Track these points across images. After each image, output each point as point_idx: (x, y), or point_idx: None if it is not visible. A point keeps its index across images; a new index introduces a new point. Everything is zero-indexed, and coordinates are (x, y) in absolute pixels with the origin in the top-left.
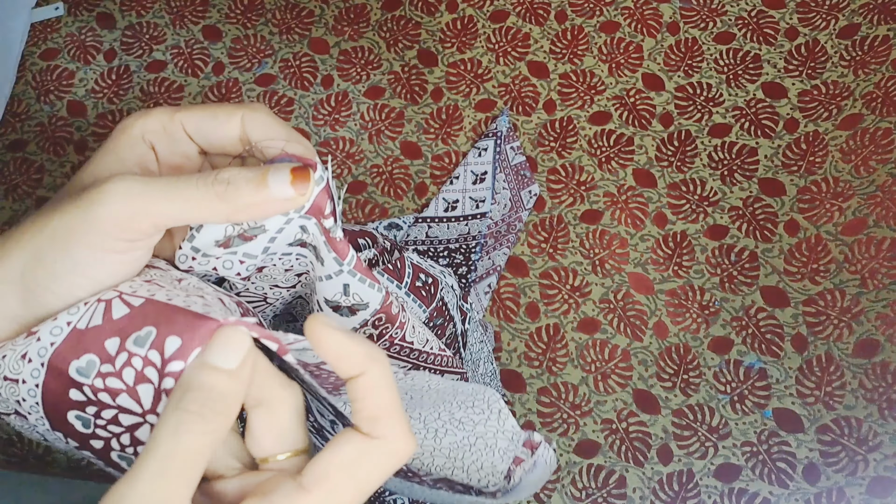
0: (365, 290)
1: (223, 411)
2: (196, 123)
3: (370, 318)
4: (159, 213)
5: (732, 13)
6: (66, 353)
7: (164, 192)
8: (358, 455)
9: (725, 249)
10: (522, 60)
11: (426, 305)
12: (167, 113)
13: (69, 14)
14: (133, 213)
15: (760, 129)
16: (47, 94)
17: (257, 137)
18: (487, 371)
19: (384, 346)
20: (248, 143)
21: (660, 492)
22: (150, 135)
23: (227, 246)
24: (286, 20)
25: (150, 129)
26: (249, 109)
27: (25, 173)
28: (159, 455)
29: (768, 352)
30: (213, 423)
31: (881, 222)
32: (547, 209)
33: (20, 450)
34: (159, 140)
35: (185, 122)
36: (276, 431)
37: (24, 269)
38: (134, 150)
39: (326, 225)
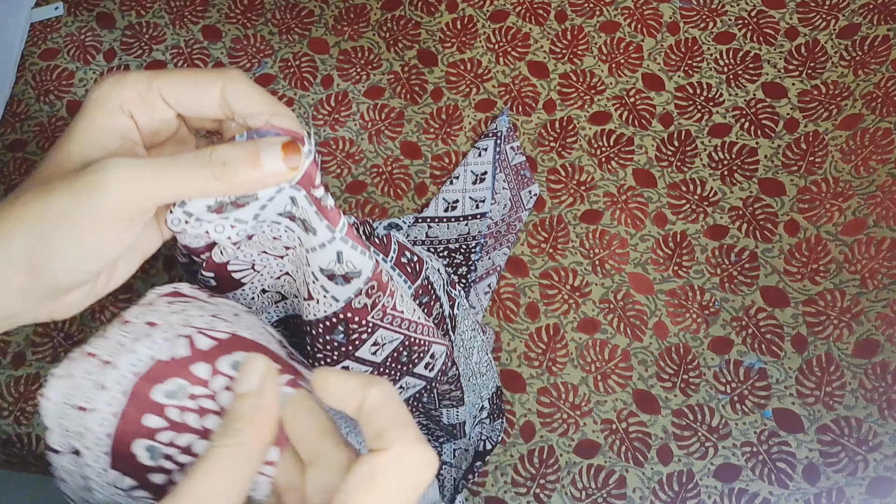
0: (357, 256)
1: (248, 426)
2: (175, 93)
3: (363, 287)
4: (160, 194)
5: (732, 13)
6: (150, 380)
7: (163, 174)
8: (371, 471)
9: (725, 249)
10: (522, 60)
11: (411, 282)
12: (144, 80)
13: (69, 14)
14: (135, 197)
15: (760, 129)
16: (47, 94)
17: (239, 108)
18: (482, 361)
19: (377, 316)
20: (229, 112)
21: (660, 492)
22: (128, 104)
23: (219, 212)
24: (286, 20)
25: (129, 98)
26: (229, 79)
27: (25, 173)
28: (200, 470)
29: (768, 352)
30: (237, 437)
31: (881, 222)
32: (547, 209)
33: (20, 449)
34: (137, 108)
35: (163, 91)
36: (326, 489)
37: (29, 251)
38: (114, 120)
39: (317, 194)
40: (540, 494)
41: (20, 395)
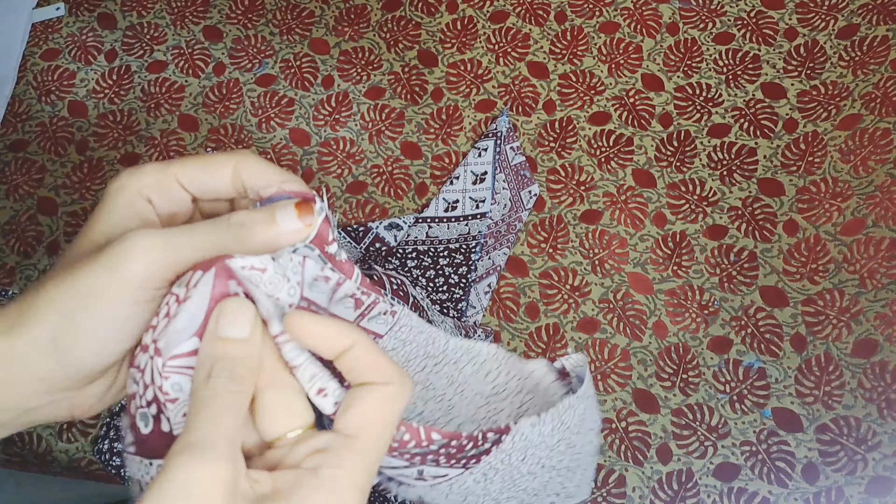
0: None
1: (245, 375)
2: (190, 176)
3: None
4: (183, 261)
5: (732, 14)
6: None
7: (185, 239)
8: (382, 400)
9: (725, 249)
10: (522, 61)
11: (406, 303)
12: (160, 169)
13: (70, 14)
14: (159, 266)
15: (759, 130)
16: (48, 95)
17: (252, 183)
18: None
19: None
20: (241, 189)
21: (659, 491)
22: (146, 189)
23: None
24: (287, 21)
25: (146, 184)
26: (240, 157)
27: (27, 173)
28: (203, 416)
29: (767, 351)
30: (243, 383)
31: (880, 222)
32: (547, 209)
33: (21, 448)
34: (154, 193)
35: (178, 175)
36: (287, 409)
37: (56, 331)
38: (134, 205)
39: (330, 251)
40: None
41: None
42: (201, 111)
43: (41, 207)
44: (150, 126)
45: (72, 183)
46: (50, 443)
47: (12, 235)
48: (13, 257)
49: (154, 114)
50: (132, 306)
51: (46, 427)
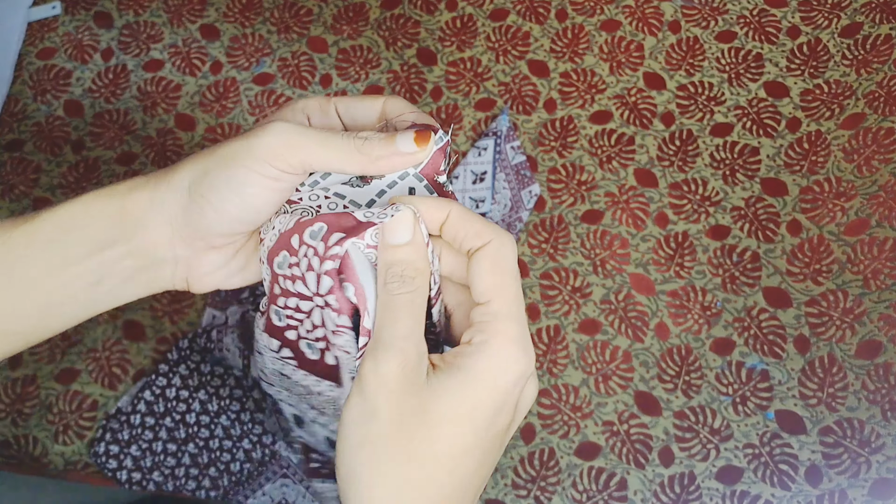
0: None
1: (416, 273)
2: (346, 105)
3: None
4: (310, 152)
5: (734, 12)
6: (273, 252)
7: (316, 138)
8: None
9: (727, 250)
10: (523, 59)
11: None
12: (325, 98)
13: (66, 13)
14: (288, 147)
15: (762, 129)
16: (44, 94)
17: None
18: None
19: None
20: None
21: (661, 494)
22: (308, 109)
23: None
24: (284, 19)
25: (310, 105)
26: (390, 97)
27: (23, 173)
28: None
29: (770, 353)
30: (413, 283)
31: (884, 222)
32: (547, 209)
33: (16, 451)
34: (314, 114)
35: (338, 105)
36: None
37: (192, 182)
38: (295, 116)
39: (440, 180)
40: (540, 497)
41: (17, 397)
42: (198, 110)
43: (37, 208)
44: (146, 125)
45: (68, 183)
46: (46, 445)
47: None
48: None
49: (150, 113)
50: (254, 175)
51: (42, 430)
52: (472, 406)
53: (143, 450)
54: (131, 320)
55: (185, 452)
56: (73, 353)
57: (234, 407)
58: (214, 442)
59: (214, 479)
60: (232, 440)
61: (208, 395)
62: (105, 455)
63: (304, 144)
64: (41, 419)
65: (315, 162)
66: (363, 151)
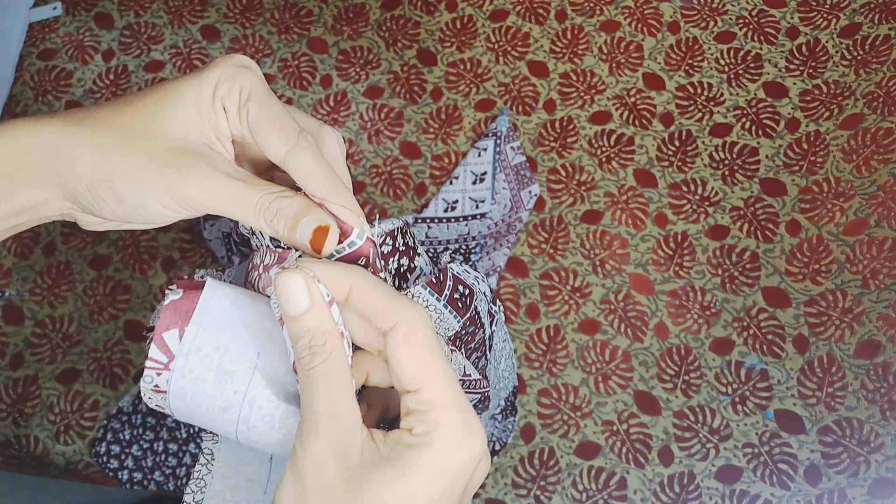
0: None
1: (324, 338)
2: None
3: None
4: (218, 202)
5: (733, 12)
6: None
7: (230, 190)
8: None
9: (726, 250)
10: (522, 60)
11: (461, 316)
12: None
13: (67, 14)
14: (201, 193)
15: (761, 129)
16: (45, 95)
17: (301, 175)
18: (508, 366)
19: None
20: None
21: (661, 493)
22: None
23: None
24: (285, 20)
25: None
26: (299, 149)
27: None
28: (304, 399)
29: (770, 353)
30: (324, 352)
31: (883, 222)
32: (547, 209)
33: (18, 451)
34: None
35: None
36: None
37: (92, 179)
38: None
39: (381, 276)
40: (540, 496)
41: (18, 397)
42: None
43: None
44: None
45: None
46: (47, 445)
47: (9, 237)
48: (10, 258)
49: None
50: (161, 208)
51: (44, 430)
52: (411, 501)
53: (144, 449)
54: (133, 320)
55: (186, 452)
56: (75, 353)
57: None
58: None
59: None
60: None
61: None
62: (106, 455)
63: (219, 195)
64: (42, 419)
65: (222, 212)
66: (270, 223)
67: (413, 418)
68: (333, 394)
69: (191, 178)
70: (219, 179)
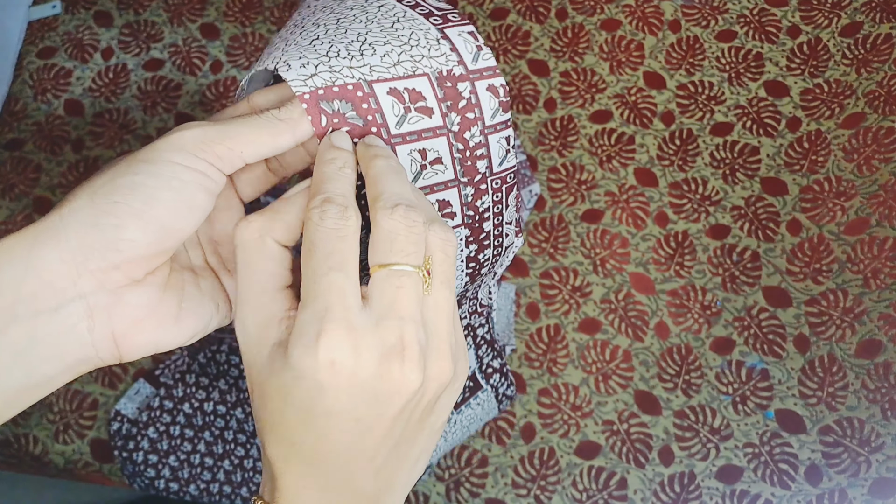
0: None
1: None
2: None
3: None
4: (236, 135)
5: (734, 11)
6: None
7: (236, 121)
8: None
9: (727, 249)
10: (522, 58)
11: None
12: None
13: (66, 12)
14: (214, 135)
15: (762, 128)
16: (44, 93)
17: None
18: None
19: None
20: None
21: (661, 493)
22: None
23: None
24: (284, 18)
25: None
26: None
27: (22, 172)
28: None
29: (770, 352)
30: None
31: (884, 222)
32: (547, 209)
33: (17, 450)
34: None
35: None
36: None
37: (93, 194)
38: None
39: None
40: (540, 496)
41: None
42: (198, 110)
43: (37, 207)
44: (146, 125)
45: (67, 182)
46: (46, 444)
47: None
48: None
49: (151, 112)
50: (184, 170)
51: (43, 429)
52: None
53: (181, 461)
54: None
55: (220, 469)
56: None
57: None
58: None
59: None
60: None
61: (244, 414)
62: (144, 464)
63: (227, 131)
64: (41, 418)
65: (244, 146)
66: (282, 117)
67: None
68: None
69: (195, 126)
70: (218, 122)
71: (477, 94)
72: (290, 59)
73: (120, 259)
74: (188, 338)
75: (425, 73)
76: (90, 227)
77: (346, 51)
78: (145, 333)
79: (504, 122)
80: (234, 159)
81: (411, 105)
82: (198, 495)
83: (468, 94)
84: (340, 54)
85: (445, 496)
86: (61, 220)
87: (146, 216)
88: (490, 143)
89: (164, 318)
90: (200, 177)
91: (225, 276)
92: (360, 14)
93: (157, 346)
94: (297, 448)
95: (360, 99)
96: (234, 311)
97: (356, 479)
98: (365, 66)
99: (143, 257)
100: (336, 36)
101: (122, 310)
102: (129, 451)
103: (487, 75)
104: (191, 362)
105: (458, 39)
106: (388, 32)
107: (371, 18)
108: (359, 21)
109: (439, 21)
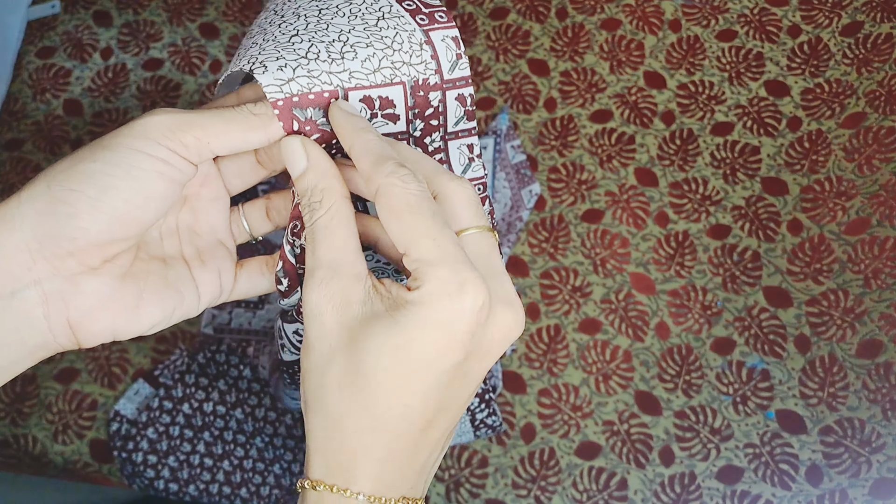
0: None
1: (321, 195)
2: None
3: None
4: (204, 124)
5: (735, 10)
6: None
7: (209, 111)
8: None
9: (728, 249)
10: (523, 58)
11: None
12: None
13: (66, 12)
14: (180, 124)
15: (763, 128)
16: (44, 93)
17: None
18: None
19: None
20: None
21: (661, 494)
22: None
23: None
24: None
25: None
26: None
27: (22, 172)
28: (308, 250)
29: (771, 352)
30: (322, 207)
31: (884, 222)
32: (547, 208)
33: (16, 451)
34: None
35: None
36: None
37: (51, 181)
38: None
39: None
40: (541, 496)
41: (16, 396)
42: None
43: None
44: None
45: None
46: (45, 445)
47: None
48: None
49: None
50: (145, 158)
51: (42, 429)
52: (405, 352)
53: (181, 461)
54: None
55: (220, 469)
56: (73, 352)
57: (268, 430)
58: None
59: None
60: (265, 462)
61: (244, 415)
62: (143, 465)
63: (195, 120)
64: (41, 419)
65: (212, 137)
66: (257, 112)
67: (412, 278)
68: (331, 246)
69: (163, 112)
70: (189, 111)
71: (445, 102)
72: (266, 60)
73: (73, 247)
74: (148, 327)
75: (402, 81)
76: (45, 216)
77: (327, 52)
78: (102, 321)
79: (468, 129)
80: (202, 149)
81: (379, 111)
82: (197, 496)
83: (437, 103)
84: (320, 56)
85: (445, 497)
86: (19, 206)
87: (101, 205)
88: (450, 148)
89: (121, 308)
90: (162, 165)
91: (197, 268)
92: (344, 5)
93: (115, 334)
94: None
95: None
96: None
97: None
98: (345, 71)
99: (97, 245)
100: (317, 33)
101: (78, 297)
102: (128, 452)
103: (460, 85)
104: (190, 362)
105: (441, 45)
106: (371, 32)
107: (355, 12)
108: (342, 14)
109: (425, 21)
